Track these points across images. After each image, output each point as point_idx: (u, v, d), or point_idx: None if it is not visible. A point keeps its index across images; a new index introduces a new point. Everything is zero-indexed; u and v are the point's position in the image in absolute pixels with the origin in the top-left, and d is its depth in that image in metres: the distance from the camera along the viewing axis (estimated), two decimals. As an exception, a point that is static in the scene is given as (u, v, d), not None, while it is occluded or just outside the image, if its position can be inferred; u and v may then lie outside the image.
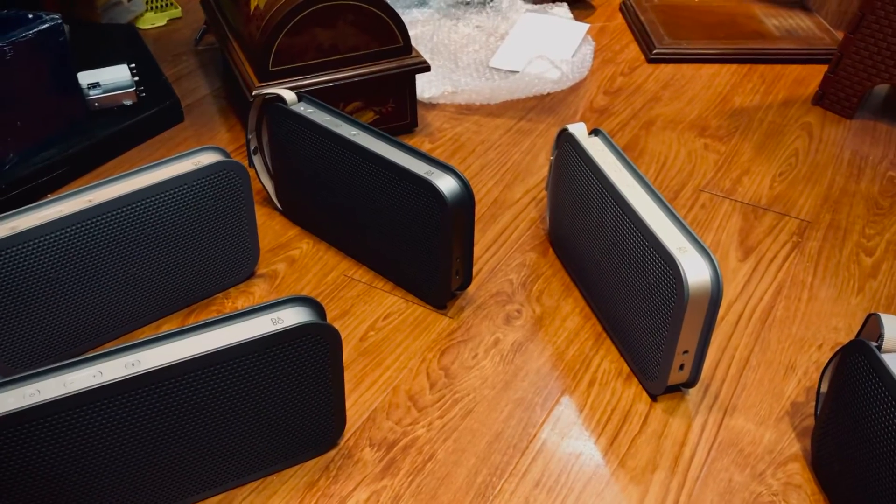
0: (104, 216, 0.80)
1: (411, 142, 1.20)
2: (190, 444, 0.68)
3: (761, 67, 1.42)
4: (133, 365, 0.63)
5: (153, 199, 0.83)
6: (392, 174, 0.86)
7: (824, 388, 0.76)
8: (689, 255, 0.74)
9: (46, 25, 1.05)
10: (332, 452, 0.77)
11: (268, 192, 1.06)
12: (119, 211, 0.81)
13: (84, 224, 0.79)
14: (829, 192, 1.11)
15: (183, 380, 0.64)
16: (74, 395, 0.61)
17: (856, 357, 0.68)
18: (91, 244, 0.80)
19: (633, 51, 1.47)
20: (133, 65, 1.22)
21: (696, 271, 0.73)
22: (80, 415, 0.61)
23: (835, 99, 1.28)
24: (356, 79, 1.12)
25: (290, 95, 0.96)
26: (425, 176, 0.84)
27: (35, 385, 0.62)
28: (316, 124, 0.92)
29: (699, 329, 0.76)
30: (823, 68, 1.35)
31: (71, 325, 0.83)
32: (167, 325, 0.90)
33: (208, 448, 0.69)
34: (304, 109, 0.94)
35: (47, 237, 0.78)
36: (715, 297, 0.74)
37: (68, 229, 0.79)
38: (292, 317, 0.69)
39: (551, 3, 1.57)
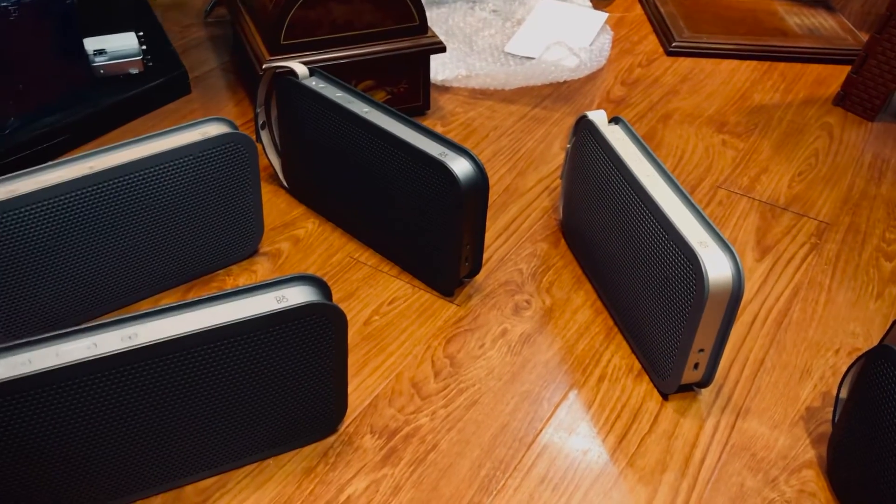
0: (106, 184, 0.78)
1: (423, 124, 1.17)
2: (186, 423, 0.65)
3: (782, 65, 1.39)
4: (130, 338, 0.61)
5: (157, 168, 0.80)
6: (404, 154, 0.84)
7: (844, 394, 0.74)
8: (710, 251, 0.72)
9: (53, -13, 1.02)
10: (332, 438, 0.74)
11: (274, 169, 1.03)
12: (121, 179, 0.78)
13: (85, 191, 0.77)
14: (849, 195, 1.08)
15: (181, 355, 0.61)
16: (67, 366, 0.58)
17: (881, 363, 0.65)
18: (91, 212, 0.78)
19: (652, 42, 1.44)
20: (141, 33, 1.18)
21: (717, 267, 0.70)
22: (71, 387, 0.59)
23: (857, 100, 1.25)
24: (370, 56, 1.09)
25: (301, 69, 0.93)
26: (439, 157, 0.81)
27: (27, 354, 0.59)
28: (327, 100, 0.89)
29: (717, 327, 0.73)
30: (845, 69, 1.32)
31: (69, 295, 0.80)
32: (166, 300, 0.87)
33: (204, 428, 0.67)
34: (316, 84, 0.91)
35: (47, 202, 0.75)
36: (736, 294, 0.71)
37: (68, 195, 0.76)
38: (297, 295, 0.66)
39: (570, -9, 1.53)
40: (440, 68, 1.27)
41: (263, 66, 1.01)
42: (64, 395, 0.59)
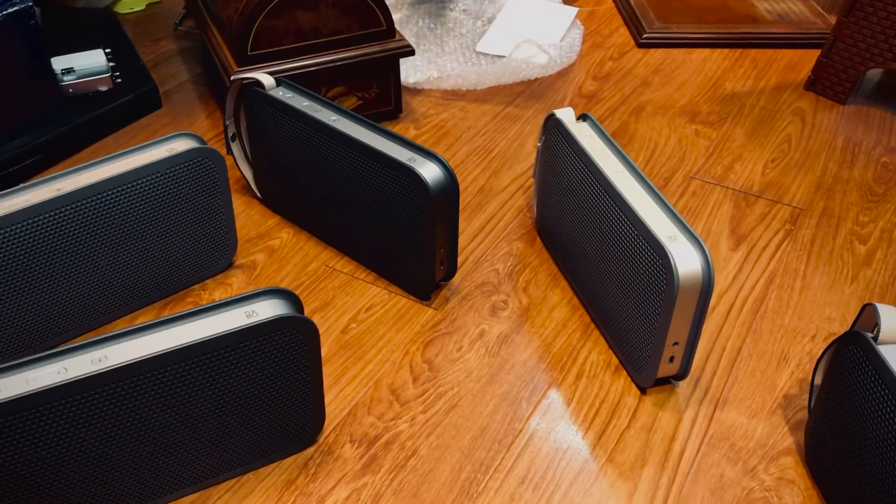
0: (73, 205, 0.77)
1: (396, 128, 1.18)
2: (162, 442, 0.65)
3: (753, 52, 1.39)
4: (100, 361, 0.61)
5: (125, 187, 0.80)
6: (373, 161, 0.84)
7: (818, 381, 0.74)
8: (679, 244, 0.72)
9: (15, 8, 1.01)
10: (311, 449, 0.74)
11: (247, 181, 1.03)
12: (89, 200, 0.78)
13: (52, 213, 0.76)
14: (823, 179, 1.09)
15: (152, 376, 0.61)
16: (37, 392, 0.58)
17: (851, 348, 0.66)
18: (60, 234, 0.77)
19: (623, 35, 1.44)
20: (109, 50, 1.18)
21: (686, 261, 0.71)
22: (43, 413, 0.59)
23: (828, 84, 1.25)
24: (338, 63, 1.09)
25: (268, 80, 0.92)
26: (408, 163, 0.81)
27: (-4, 382, 0.59)
28: (294, 109, 0.89)
29: (690, 320, 0.73)
30: (816, 53, 1.33)
31: (41, 319, 0.80)
32: (142, 318, 0.87)
33: (181, 446, 0.67)
34: (283, 94, 0.91)
35: (14, 227, 0.74)
36: (706, 287, 0.71)
37: (36, 219, 0.75)
38: (267, 309, 0.66)
39: (539, -13, 1.53)
40: (411, 71, 1.27)
41: (231, 78, 1.01)
42: (35, 421, 0.59)
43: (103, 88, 1.16)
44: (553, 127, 0.90)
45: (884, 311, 0.65)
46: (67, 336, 0.83)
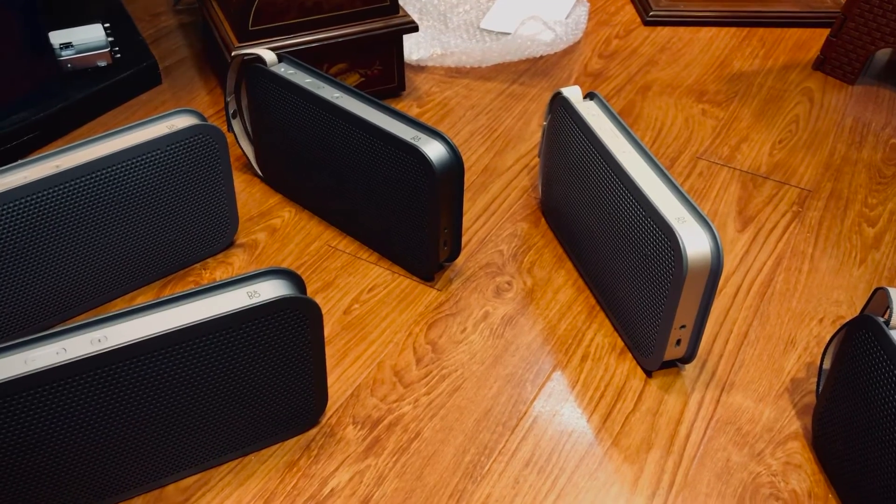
0: (72, 182, 0.76)
1: (398, 105, 1.16)
2: (162, 424, 0.65)
3: (761, 31, 1.37)
4: (99, 341, 0.60)
5: (124, 164, 0.78)
6: (377, 139, 0.82)
7: (827, 365, 0.73)
8: (688, 226, 0.71)
9: (12, -19, 0.99)
10: (314, 431, 0.74)
11: (248, 158, 1.01)
12: (88, 177, 0.77)
13: (51, 191, 0.75)
14: (831, 160, 1.07)
15: (151, 357, 0.60)
16: (36, 373, 0.57)
17: (862, 333, 0.65)
18: (59, 212, 0.76)
19: (629, 13, 1.42)
20: (108, 24, 1.16)
21: (695, 243, 0.70)
22: (41, 394, 0.58)
23: (836, 64, 1.24)
24: (340, 39, 1.07)
25: (269, 56, 0.91)
26: (412, 141, 0.79)
27: (-6, 363, 0.58)
28: (296, 86, 0.87)
29: (697, 303, 0.72)
30: (825, 32, 1.31)
31: (40, 298, 0.79)
32: (142, 297, 0.86)
33: (182, 427, 0.66)
34: (285, 70, 0.90)
35: (12, 204, 0.73)
36: (715, 269, 0.70)
37: (34, 196, 0.74)
38: (270, 290, 0.65)
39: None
40: (414, 48, 1.25)
41: (232, 54, 0.99)
42: (34, 402, 0.58)
43: (102, 64, 1.14)
44: (560, 105, 0.88)
45: (896, 295, 0.64)
46: (66, 315, 0.82)
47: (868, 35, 1.19)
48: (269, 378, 0.67)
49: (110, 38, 1.14)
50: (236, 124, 0.99)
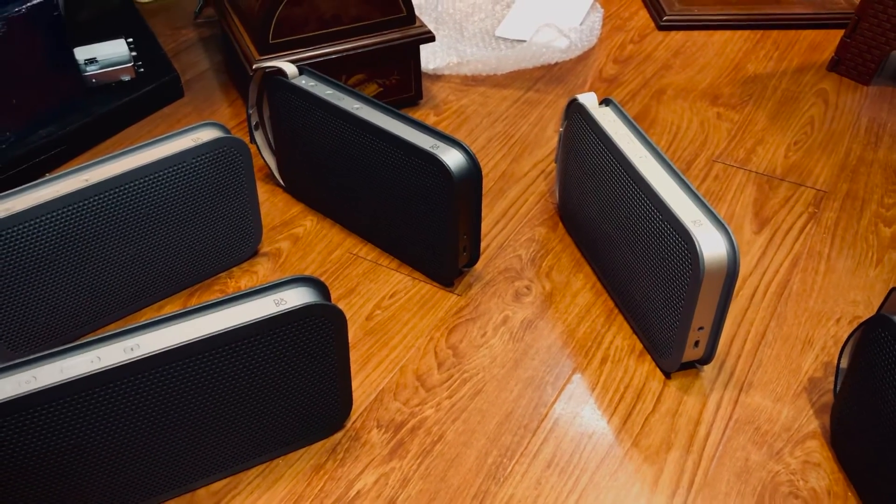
0: (101, 195, 0.78)
1: (416, 114, 1.18)
2: (193, 429, 0.66)
3: (775, 33, 1.38)
4: (132, 350, 0.62)
5: (151, 177, 0.80)
6: (396, 149, 0.84)
7: (844, 364, 0.74)
8: (704, 229, 0.72)
9: (38, 0, 1.02)
10: (339, 435, 0.75)
11: (270, 169, 1.03)
12: (116, 190, 0.79)
13: (81, 204, 0.77)
14: (846, 161, 1.08)
15: (182, 364, 0.62)
16: (71, 381, 0.59)
17: (878, 332, 0.65)
18: (89, 224, 0.78)
19: (643, 18, 1.43)
20: (131, 39, 1.19)
21: (711, 245, 0.71)
22: (77, 401, 0.60)
23: (851, 65, 1.24)
24: (359, 50, 1.09)
25: (290, 69, 0.93)
26: (430, 150, 0.81)
27: (31, 371, 0.60)
28: (317, 98, 0.89)
29: (715, 305, 0.74)
30: (839, 33, 1.31)
31: (72, 308, 0.81)
32: (170, 307, 0.88)
33: (211, 432, 0.68)
34: (306, 83, 0.92)
35: (44, 218, 0.76)
36: (731, 271, 0.71)
37: (65, 209, 0.77)
38: (295, 297, 0.67)
39: (558, -30, 1.52)
40: (431, 57, 1.27)
41: (253, 67, 1.01)
42: (71, 409, 0.60)
43: (126, 78, 1.17)
44: (576, 112, 0.89)
45: (911, 294, 0.65)
46: (96, 325, 0.84)
47: (882, 35, 1.19)
48: (296, 383, 0.69)
49: (133, 53, 1.17)
50: (259, 136, 1.02)
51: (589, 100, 0.89)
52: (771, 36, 1.37)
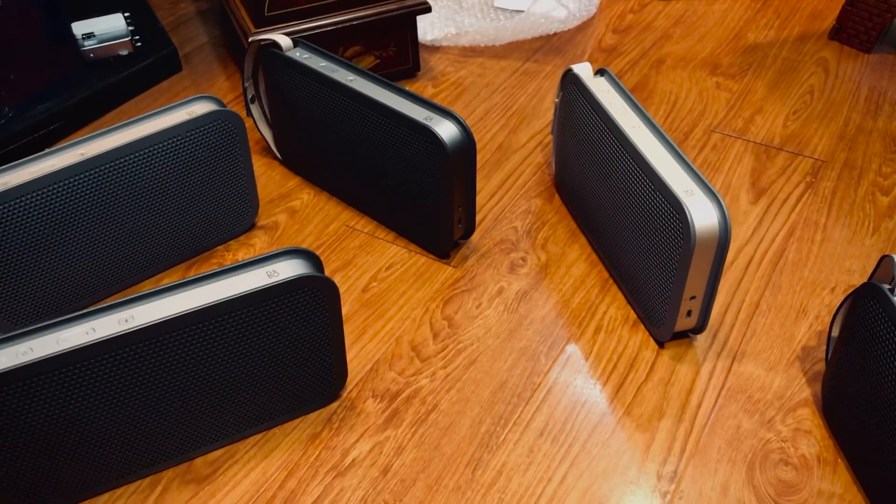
0: (97, 170, 0.79)
1: (413, 86, 1.17)
2: (189, 399, 0.67)
3: (776, 2, 1.37)
4: (126, 321, 0.62)
5: (146, 151, 0.81)
6: (390, 121, 0.84)
7: (835, 333, 0.74)
8: (696, 199, 0.72)
9: (34, -26, 1.02)
10: (335, 405, 0.76)
11: (267, 142, 1.04)
12: (112, 164, 0.79)
13: (76, 178, 0.78)
14: (845, 130, 1.07)
15: (176, 335, 0.63)
16: (67, 352, 0.60)
17: (868, 301, 0.66)
18: (85, 198, 0.79)
19: (643, -13, 1.42)
20: (128, 13, 1.19)
21: (703, 215, 0.71)
22: (73, 372, 0.61)
23: (852, 33, 1.23)
24: (355, 22, 1.08)
25: (285, 41, 0.93)
26: (424, 122, 0.81)
27: (28, 343, 0.61)
28: (312, 70, 0.89)
29: (707, 274, 0.74)
30: (840, 1, 1.30)
31: (70, 281, 0.82)
32: (168, 279, 0.89)
33: (207, 402, 0.69)
34: (300, 55, 0.92)
35: (40, 192, 0.76)
36: (723, 241, 0.71)
37: (61, 184, 0.77)
38: (288, 269, 0.67)
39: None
40: (428, 28, 1.26)
41: (248, 40, 1.01)
42: (67, 379, 0.61)
43: (124, 52, 1.17)
44: (570, 82, 0.89)
45: (901, 262, 0.65)
46: (95, 298, 0.85)
47: (884, 3, 1.18)
48: (291, 354, 0.70)
49: (131, 28, 1.17)
50: (255, 109, 1.02)
51: (584, 70, 0.88)
52: (772, 4, 1.36)
